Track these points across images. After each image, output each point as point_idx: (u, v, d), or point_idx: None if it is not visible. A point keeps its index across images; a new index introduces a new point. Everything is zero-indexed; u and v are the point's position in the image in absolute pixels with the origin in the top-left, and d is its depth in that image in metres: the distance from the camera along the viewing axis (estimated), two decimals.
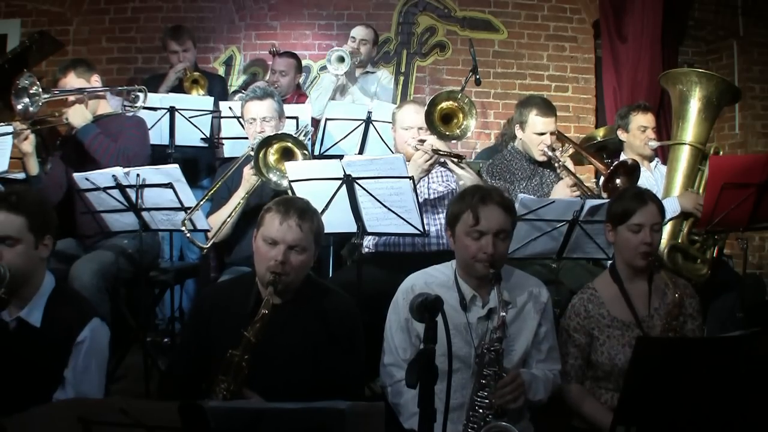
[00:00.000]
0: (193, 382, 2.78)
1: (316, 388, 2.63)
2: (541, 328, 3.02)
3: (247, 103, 4.19)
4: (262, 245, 2.76)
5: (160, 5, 6.92)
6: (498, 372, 2.76)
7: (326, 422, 1.80)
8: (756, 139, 7.17)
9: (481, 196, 2.90)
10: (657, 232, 3.13)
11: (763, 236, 6.89)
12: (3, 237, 2.61)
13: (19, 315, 2.69)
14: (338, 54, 5.43)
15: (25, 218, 2.64)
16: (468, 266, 2.94)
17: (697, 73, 4.59)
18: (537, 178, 4.37)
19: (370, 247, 4.00)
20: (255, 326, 2.59)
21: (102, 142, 4.05)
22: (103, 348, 2.80)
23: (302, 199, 2.98)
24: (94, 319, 2.76)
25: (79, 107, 4.13)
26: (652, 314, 3.10)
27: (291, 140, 3.80)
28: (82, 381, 2.68)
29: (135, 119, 4.35)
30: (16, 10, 6.85)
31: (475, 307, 2.96)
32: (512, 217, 2.97)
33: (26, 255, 2.66)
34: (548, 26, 7.18)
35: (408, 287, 3.04)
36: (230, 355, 2.57)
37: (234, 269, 3.95)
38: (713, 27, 7.42)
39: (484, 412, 2.73)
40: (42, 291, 2.74)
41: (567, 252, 3.72)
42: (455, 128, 3.94)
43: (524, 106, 4.44)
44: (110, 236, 4.01)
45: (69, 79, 4.20)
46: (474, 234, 2.87)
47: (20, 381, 2.60)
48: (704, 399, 2.45)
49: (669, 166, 4.58)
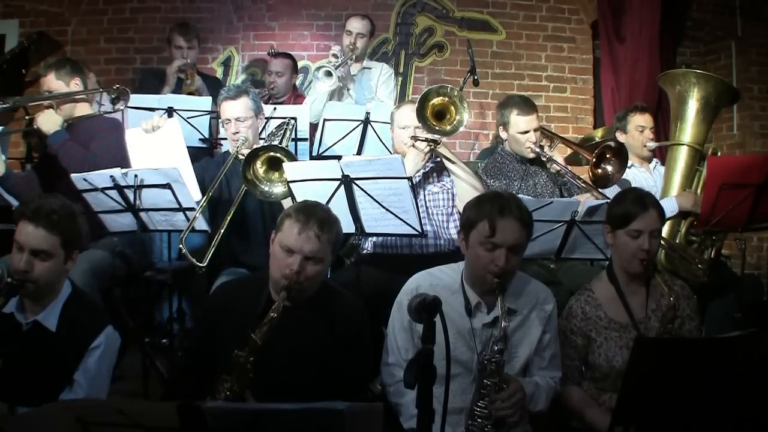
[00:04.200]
0: (201, 380, 2.76)
1: (321, 390, 2.61)
2: (545, 336, 3.00)
3: (222, 104, 4.06)
4: (279, 251, 2.74)
5: (158, 6, 6.91)
6: (498, 383, 2.74)
7: (325, 423, 1.80)
8: (754, 140, 7.17)
9: (500, 207, 2.80)
10: (656, 238, 3.11)
11: (761, 237, 6.88)
12: (39, 251, 2.71)
13: (36, 318, 2.77)
14: (324, 70, 5.39)
15: (60, 237, 2.75)
16: (477, 276, 2.89)
17: (696, 74, 4.60)
18: (531, 179, 4.38)
19: (368, 247, 4.00)
20: (262, 329, 2.58)
21: (69, 149, 3.97)
22: (114, 354, 2.91)
23: (323, 206, 2.92)
24: (109, 326, 2.86)
25: (49, 112, 4.06)
26: (649, 316, 3.10)
27: (277, 150, 3.70)
28: (92, 384, 2.77)
29: (110, 121, 4.26)
30: (14, 10, 6.82)
31: (480, 313, 2.92)
32: (528, 231, 2.89)
33: (55, 269, 2.77)
34: (546, 27, 7.18)
35: (413, 288, 3.01)
36: (236, 356, 2.56)
37: (231, 270, 3.95)
38: (711, 27, 7.42)
39: (483, 421, 2.73)
40: (60, 297, 2.84)
41: (565, 252, 3.72)
42: (447, 124, 3.92)
43: (504, 107, 4.49)
44: (101, 236, 4.00)
45: (48, 79, 4.16)
46: (488, 245, 2.80)
47: (30, 381, 2.67)
48: (702, 399, 2.45)
49: (667, 167, 4.59)
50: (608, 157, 4.26)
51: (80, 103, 4.25)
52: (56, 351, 2.73)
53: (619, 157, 4.23)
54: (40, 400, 1.99)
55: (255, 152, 3.70)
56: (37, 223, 2.70)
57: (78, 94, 4.21)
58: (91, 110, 4.32)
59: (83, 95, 4.26)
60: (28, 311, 2.78)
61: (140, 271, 4.08)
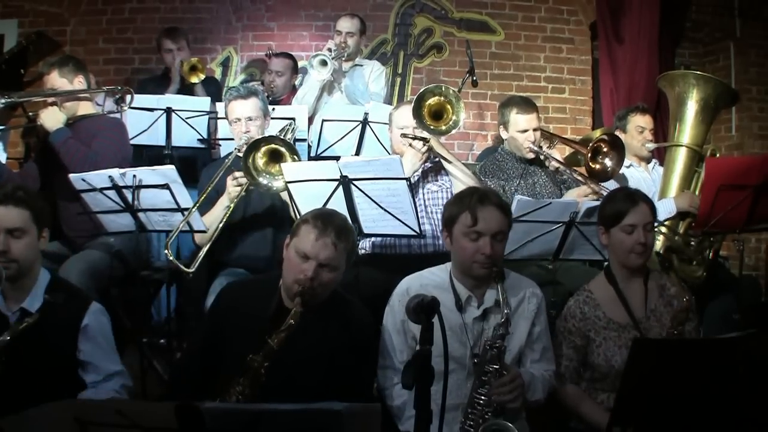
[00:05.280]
0: (202, 381, 2.76)
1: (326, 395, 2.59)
2: (534, 328, 3.04)
3: (231, 103, 4.12)
4: (294, 257, 2.72)
5: (157, 6, 6.92)
6: (499, 369, 2.77)
7: (323, 423, 1.80)
8: (753, 141, 7.16)
9: (479, 197, 2.92)
10: (650, 231, 3.13)
11: (760, 238, 6.88)
12: (13, 229, 2.77)
13: (22, 306, 2.79)
14: (320, 58, 5.39)
15: (30, 211, 2.81)
16: (466, 267, 2.95)
17: (695, 75, 4.60)
18: (530, 178, 4.39)
19: (366, 248, 4.00)
20: (280, 335, 2.56)
21: (71, 147, 3.98)
22: (108, 326, 2.95)
23: (340, 215, 2.91)
24: (93, 302, 2.92)
25: (53, 109, 4.08)
26: (649, 315, 3.10)
27: (279, 142, 3.73)
28: (101, 359, 2.85)
29: (112, 121, 4.28)
30: (13, 10, 6.83)
31: (471, 307, 2.97)
32: (509, 219, 3.00)
33: (32, 246, 2.83)
34: (545, 28, 7.19)
35: (403, 290, 3.06)
36: (250, 359, 2.54)
37: (230, 270, 3.94)
38: (710, 29, 7.42)
39: (483, 409, 2.74)
40: (39, 283, 2.87)
41: (563, 253, 3.72)
42: (443, 124, 3.91)
43: (504, 107, 4.52)
44: (97, 236, 4.00)
45: (52, 76, 4.16)
46: (472, 235, 2.88)
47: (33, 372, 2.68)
48: (701, 400, 2.46)
49: (666, 168, 4.59)
50: (605, 151, 4.27)
51: (83, 102, 4.26)
52: (47, 336, 2.72)
53: (616, 149, 4.24)
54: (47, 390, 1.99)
55: (256, 142, 3.72)
56: (6, 203, 2.76)
57: (82, 93, 4.23)
58: (94, 109, 4.33)
59: (87, 94, 4.27)
60: (11, 301, 2.80)
61: (138, 271, 4.07)
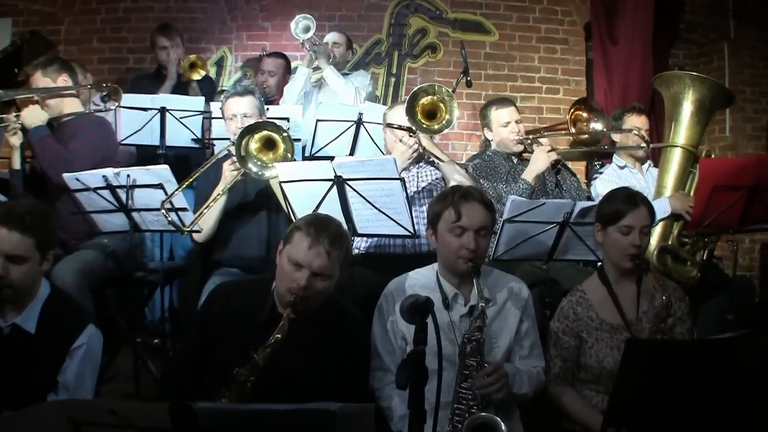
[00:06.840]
0: (194, 381, 2.74)
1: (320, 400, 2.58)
2: (522, 324, 3.07)
3: (228, 100, 4.11)
4: (287, 264, 2.67)
5: (151, 5, 6.91)
6: (480, 362, 2.79)
7: (317, 423, 1.80)
8: (747, 142, 7.19)
9: (462, 194, 2.98)
10: (646, 235, 3.14)
11: (754, 238, 6.90)
12: (13, 256, 2.67)
13: (15, 321, 2.73)
14: (304, 23, 5.41)
15: (34, 239, 2.70)
16: (450, 263, 2.99)
17: (691, 76, 4.60)
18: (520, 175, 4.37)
19: (360, 248, 4.00)
20: (266, 350, 2.54)
21: (45, 145, 3.97)
22: (98, 354, 2.86)
23: (335, 221, 2.84)
24: (90, 325, 2.81)
25: (34, 107, 4.07)
26: (641, 317, 3.10)
27: (275, 129, 3.69)
28: (77, 387, 2.74)
29: (93, 119, 4.24)
30: (7, 9, 6.81)
31: (458, 305, 3.01)
32: (493, 215, 3.04)
33: (32, 272, 2.74)
34: (539, 28, 7.20)
35: (390, 291, 3.10)
36: (236, 373, 2.52)
37: (224, 270, 3.93)
38: (704, 29, 7.44)
39: (469, 404, 2.76)
40: (38, 298, 2.79)
41: (557, 254, 3.72)
42: (436, 123, 3.91)
43: (484, 109, 4.65)
44: (91, 237, 3.99)
45: (35, 77, 4.16)
46: (456, 230, 2.93)
47: (12, 385, 2.62)
48: (694, 401, 2.45)
49: (660, 168, 4.59)
50: (586, 117, 4.29)
51: (68, 100, 4.24)
52: (37, 354, 2.69)
53: (594, 110, 4.26)
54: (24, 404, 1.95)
55: (251, 127, 3.73)
56: (10, 227, 2.65)
57: (64, 90, 4.20)
58: (81, 108, 4.30)
59: (70, 91, 4.25)
60: (7, 314, 2.74)
61: (132, 271, 4.06)
